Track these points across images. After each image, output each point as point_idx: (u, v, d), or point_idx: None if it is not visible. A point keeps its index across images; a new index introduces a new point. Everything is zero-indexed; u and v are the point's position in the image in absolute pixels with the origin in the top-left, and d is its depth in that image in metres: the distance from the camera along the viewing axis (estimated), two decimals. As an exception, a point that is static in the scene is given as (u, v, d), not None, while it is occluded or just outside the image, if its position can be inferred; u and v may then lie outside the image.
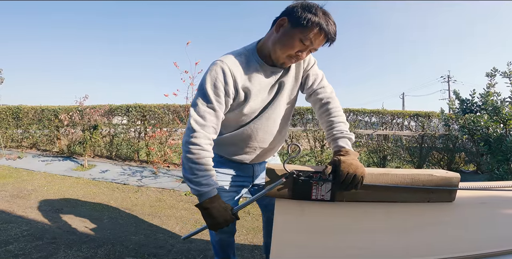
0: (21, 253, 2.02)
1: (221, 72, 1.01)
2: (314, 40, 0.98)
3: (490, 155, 3.19)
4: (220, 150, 1.25)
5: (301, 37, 0.97)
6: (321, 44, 1.01)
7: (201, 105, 1.01)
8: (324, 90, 1.19)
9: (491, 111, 3.25)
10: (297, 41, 0.98)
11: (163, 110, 5.86)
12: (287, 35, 0.99)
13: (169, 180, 4.31)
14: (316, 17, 0.94)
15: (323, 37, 0.98)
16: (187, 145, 0.99)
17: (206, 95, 1.01)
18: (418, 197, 0.91)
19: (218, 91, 1.01)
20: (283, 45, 1.00)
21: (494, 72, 3.32)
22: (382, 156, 5.40)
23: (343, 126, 1.10)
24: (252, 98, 1.08)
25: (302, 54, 1.02)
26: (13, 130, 6.97)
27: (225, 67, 1.01)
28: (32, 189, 3.72)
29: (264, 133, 1.19)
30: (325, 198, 0.92)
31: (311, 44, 0.99)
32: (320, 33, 0.97)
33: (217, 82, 1.00)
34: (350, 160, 0.89)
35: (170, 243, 2.27)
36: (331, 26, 0.97)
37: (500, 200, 0.97)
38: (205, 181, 0.98)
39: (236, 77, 1.03)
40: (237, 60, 1.05)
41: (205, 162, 0.99)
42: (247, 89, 1.07)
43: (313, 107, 1.24)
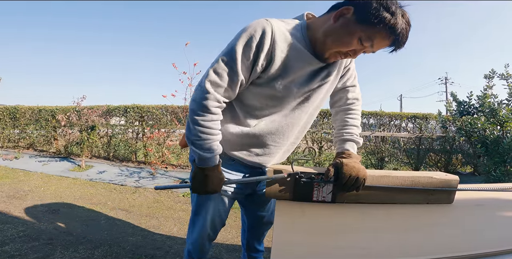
0: (17, 253, 2.00)
1: (260, 31, 0.84)
2: (376, 43, 0.83)
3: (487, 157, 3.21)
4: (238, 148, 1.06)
5: (363, 35, 0.81)
6: (383, 48, 0.86)
7: (221, 62, 0.86)
8: (354, 89, 1.12)
9: (488, 113, 3.28)
10: (356, 39, 0.82)
11: (161, 111, 5.85)
12: (346, 29, 0.83)
13: (167, 181, 4.30)
14: (393, 18, 0.78)
15: (389, 42, 0.83)
16: (194, 104, 0.89)
17: (232, 51, 0.85)
18: (417, 199, 0.92)
19: (250, 51, 0.85)
20: (337, 40, 0.84)
21: (492, 74, 3.35)
22: (380, 157, 5.42)
23: (355, 130, 1.08)
24: (290, 75, 0.91)
25: (355, 54, 0.87)
26: (10, 130, 6.92)
27: (267, 27, 0.84)
28: (29, 190, 3.69)
29: (297, 130, 1.07)
30: (326, 199, 0.92)
31: (370, 47, 0.84)
32: (389, 38, 0.81)
33: (252, 40, 0.84)
34: (352, 163, 0.89)
35: (168, 244, 2.26)
36: (404, 31, 0.81)
37: (497, 201, 0.99)
38: (207, 145, 0.90)
39: (276, 42, 0.85)
40: (284, 26, 0.89)
41: (210, 126, 0.89)
42: (286, 61, 0.89)
43: (333, 102, 1.16)
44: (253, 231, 1.51)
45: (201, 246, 1.21)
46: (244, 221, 1.53)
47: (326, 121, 5.46)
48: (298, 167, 0.95)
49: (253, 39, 0.84)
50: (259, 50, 0.85)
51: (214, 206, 1.14)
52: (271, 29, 0.84)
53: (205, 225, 1.16)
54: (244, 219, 1.52)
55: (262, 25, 0.84)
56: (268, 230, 1.54)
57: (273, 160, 1.11)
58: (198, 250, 1.22)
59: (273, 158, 1.10)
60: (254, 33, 0.84)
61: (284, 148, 1.10)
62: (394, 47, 0.84)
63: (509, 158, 2.92)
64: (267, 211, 1.40)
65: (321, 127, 5.48)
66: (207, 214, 1.14)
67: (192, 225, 1.20)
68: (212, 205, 1.13)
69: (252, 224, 1.48)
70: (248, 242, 1.55)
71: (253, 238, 1.53)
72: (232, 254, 2.12)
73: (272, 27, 0.84)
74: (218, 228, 1.22)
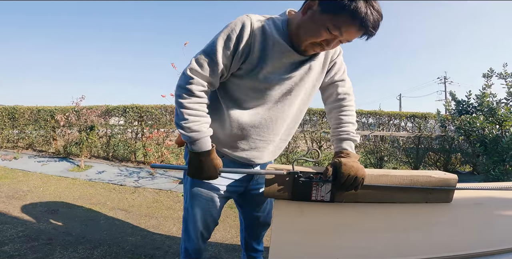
0: (17, 254, 2.00)
1: (240, 24, 0.89)
2: (344, 31, 0.83)
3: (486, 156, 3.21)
4: (225, 143, 1.08)
5: (329, 25, 0.82)
6: (355, 36, 0.86)
7: (203, 53, 0.92)
8: (344, 83, 1.11)
9: (487, 112, 3.28)
10: (324, 29, 0.84)
11: (161, 111, 5.85)
12: (313, 20, 0.85)
13: (166, 181, 4.29)
14: (353, 4, 0.78)
15: (357, 29, 0.82)
16: (179, 89, 0.92)
17: (213, 44, 0.91)
18: (416, 198, 0.92)
19: (230, 43, 0.90)
20: (307, 31, 0.87)
21: (490, 73, 3.35)
22: (379, 157, 5.42)
23: (350, 127, 1.07)
24: (267, 64, 0.94)
25: (328, 44, 0.88)
26: (9, 131, 6.91)
27: (247, 21, 0.90)
28: (28, 190, 3.69)
29: (283, 122, 1.07)
30: (325, 199, 0.92)
31: (340, 35, 0.84)
32: (354, 24, 0.81)
33: (232, 33, 0.89)
34: (351, 163, 0.89)
35: (167, 244, 2.26)
36: (370, 16, 0.80)
37: (495, 200, 0.99)
38: (196, 127, 0.91)
39: (255, 34, 0.90)
40: (265, 21, 0.93)
41: (197, 107, 0.92)
42: (265, 57, 0.93)
43: (325, 99, 1.16)
44: (249, 231, 1.51)
45: (195, 245, 1.22)
46: (241, 220, 1.53)
47: (325, 120, 5.46)
48: (297, 167, 0.95)
49: (233, 32, 0.89)
50: (239, 41, 0.90)
51: (205, 205, 1.15)
52: (250, 22, 0.90)
53: (197, 224, 1.17)
54: (241, 218, 1.52)
55: (242, 19, 0.90)
56: (266, 231, 1.54)
57: (263, 156, 1.12)
58: (194, 249, 1.23)
59: (262, 154, 1.11)
60: (235, 27, 0.90)
61: (273, 144, 1.11)
62: (364, 33, 0.84)
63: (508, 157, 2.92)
64: (263, 211, 1.39)
65: (320, 127, 5.49)
66: (199, 213, 1.16)
67: (185, 224, 1.22)
68: (204, 205, 1.15)
69: (248, 225, 1.48)
70: (246, 242, 1.54)
71: (251, 238, 1.53)
72: (231, 254, 2.13)
73: (251, 20, 0.90)
74: (212, 227, 1.23)
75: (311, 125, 5.77)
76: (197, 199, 1.15)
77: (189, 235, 1.22)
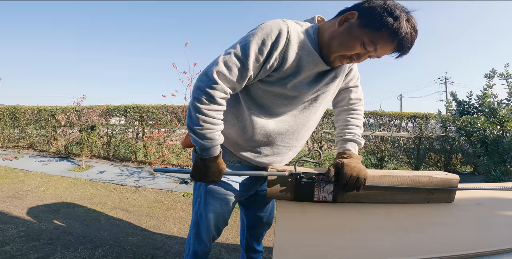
0: (18, 253, 2.00)
1: (277, 30, 0.84)
2: (379, 48, 0.82)
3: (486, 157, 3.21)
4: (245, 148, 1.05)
5: (366, 40, 0.82)
6: (387, 53, 0.85)
7: (233, 56, 0.85)
8: (357, 90, 1.13)
9: (488, 113, 3.28)
10: (359, 43, 0.83)
11: (161, 111, 5.85)
12: (350, 33, 0.84)
13: (167, 181, 4.30)
14: (396, 22, 0.78)
15: (393, 47, 0.82)
16: (199, 93, 0.85)
17: (246, 47, 0.84)
18: (418, 198, 0.92)
19: (264, 49, 0.85)
20: (341, 43, 0.85)
21: (492, 73, 3.35)
22: (380, 157, 5.42)
23: (357, 130, 1.08)
24: (301, 74, 0.91)
25: (359, 58, 0.87)
26: (10, 130, 6.92)
27: (284, 28, 0.85)
28: (29, 190, 3.69)
29: (306, 130, 1.06)
30: (327, 199, 0.92)
31: (374, 51, 0.84)
32: (392, 42, 0.81)
33: (268, 39, 0.84)
34: (353, 163, 0.89)
35: (168, 244, 2.26)
36: (409, 36, 0.80)
37: (497, 201, 0.99)
38: (209, 135, 0.88)
39: (291, 43, 0.86)
40: (299, 28, 0.90)
41: (214, 115, 0.87)
42: (298, 61, 0.89)
43: (337, 101, 1.16)
44: (252, 231, 1.51)
45: (206, 248, 1.22)
46: (243, 220, 1.53)
47: (326, 120, 5.46)
48: (299, 168, 0.95)
49: (269, 38, 0.84)
50: (273, 49, 0.85)
51: (219, 210, 1.14)
52: (287, 29, 0.85)
53: (210, 229, 1.17)
54: (244, 218, 1.53)
55: (279, 25, 0.85)
56: (267, 231, 1.55)
57: (282, 160, 1.10)
58: (204, 251, 1.23)
59: (282, 158, 1.09)
60: (271, 32, 0.84)
61: (295, 149, 1.11)
62: (398, 52, 0.84)
63: (508, 158, 2.92)
64: (266, 211, 1.40)
65: (321, 127, 5.48)
66: (213, 218, 1.14)
67: (196, 228, 1.19)
68: (218, 209, 1.13)
69: (251, 224, 1.49)
70: (247, 242, 1.55)
71: (252, 238, 1.53)
72: (232, 254, 2.13)
73: (288, 27, 0.85)
74: (222, 229, 1.23)
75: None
76: (212, 205, 1.13)
77: (200, 239, 1.20)
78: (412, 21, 0.81)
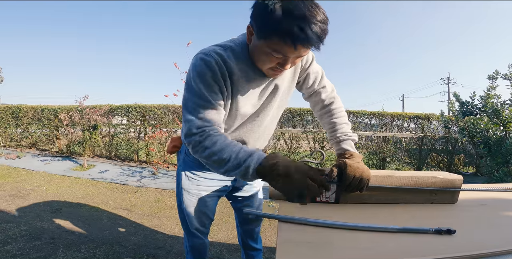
0: (20, 253, 2.01)
1: (206, 67, 0.84)
2: (286, 52, 0.77)
3: (489, 158, 3.20)
4: None
5: (269, 51, 0.77)
6: (301, 52, 0.78)
7: (196, 107, 0.85)
8: (325, 90, 1.11)
9: (491, 114, 3.27)
10: (269, 55, 0.79)
11: (163, 110, 5.86)
12: (256, 48, 0.82)
13: (169, 181, 4.30)
14: (275, 23, 0.71)
15: (294, 47, 0.74)
16: (196, 148, 0.83)
17: (199, 94, 0.85)
18: (421, 199, 0.92)
19: (212, 87, 0.85)
20: (258, 59, 0.85)
21: (496, 74, 3.34)
22: (382, 158, 5.40)
23: (346, 128, 1.08)
24: (241, 102, 0.94)
25: (284, 65, 0.82)
26: (12, 130, 6.95)
27: (210, 61, 0.84)
28: (31, 189, 3.71)
29: (256, 140, 1.10)
30: (330, 200, 0.92)
31: (284, 57, 0.79)
32: (288, 44, 0.73)
33: (207, 77, 0.84)
34: (356, 164, 0.89)
35: (169, 244, 2.27)
36: (299, 32, 0.70)
37: (499, 201, 0.98)
38: (242, 156, 0.77)
39: (224, 74, 0.87)
40: (224, 55, 0.87)
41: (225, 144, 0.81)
42: (236, 89, 0.92)
43: (313, 107, 1.18)
44: (244, 227, 1.54)
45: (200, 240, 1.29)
46: (236, 217, 1.57)
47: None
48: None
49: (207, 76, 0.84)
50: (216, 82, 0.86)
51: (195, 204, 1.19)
52: (214, 61, 0.84)
53: (193, 223, 1.23)
54: (235, 215, 1.56)
55: (205, 61, 0.84)
56: (260, 227, 1.56)
57: None
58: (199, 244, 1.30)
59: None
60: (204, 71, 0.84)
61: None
62: (306, 46, 0.75)
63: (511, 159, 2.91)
64: (252, 206, 1.42)
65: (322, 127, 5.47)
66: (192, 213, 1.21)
67: (183, 223, 1.27)
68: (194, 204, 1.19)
69: (241, 220, 1.52)
70: (243, 239, 1.58)
71: (246, 234, 1.55)
72: (233, 254, 2.13)
73: (214, 59, 0.85)
74: (207, 224, 1.28)
75: (313, 126, 5.77)
76: (190, 200, 1.18)
77: (190, 233, 1.26)
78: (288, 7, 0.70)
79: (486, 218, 0.82)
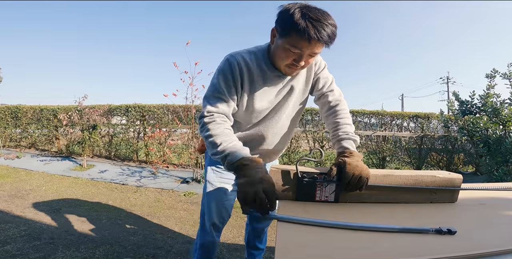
0: (19, 253, 2.00)
1: (228, 66, 1.03)
2: (302, 48, 0.92)
3: (489, 157, 3.20)
4: None
5: (288, 47, 0.93)
6: (314, 49, 0.93)
7: (212, 97, 1.04)
8: (333, 93, 1.20)
9: (490, 113, 3.26)
10: (287, 51, 0.95)
11: (163, 110, 5.86)
12: (277, 46, 0.98)
13: (168, 181, 4.30)
14: (294, 22, 0.88)
15: (309, 43, 0.90)
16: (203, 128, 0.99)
17: (217, 87, 1.04)
18: (421, 198, 0.91)
19: (229, 83, 1.04)
20: (278, 56, 1.00)
21: (494, 73, 3.33)
22: (381, 157, 5.41)
23: (348, 128, 1.10)
24: (257, 98, 1.09)
25: (299, 62, 0.97)
26: (11, 130, 6.95)
27: (233, 62, 1.03)
28: (30, 189, 3.70)
29: (273, 136, 1.21)
30: (329, 199, 0.91)
31: (301, 52, 0.94)
32: (304, 40, 0.89)
33: (227, 74, 1.03)
34: (355, 162, 0.89)
35: (169, 243, 2.26)
36: (313, 29, 0.87)
37: (499, 201, 0.98)
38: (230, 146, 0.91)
39: (243, 74, 1.04)
40: (247, 57, 1.05)
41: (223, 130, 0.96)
42: (253, 87, 1.08)
43: (320, 109, 1.25)
44: (254, 225, 1.58)
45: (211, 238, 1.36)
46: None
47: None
48: (301, 167, 0.94)
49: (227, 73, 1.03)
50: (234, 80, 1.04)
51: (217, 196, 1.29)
52: (236, 63, 1.03)
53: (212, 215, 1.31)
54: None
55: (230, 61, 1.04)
56: (267, 229, 1.57)
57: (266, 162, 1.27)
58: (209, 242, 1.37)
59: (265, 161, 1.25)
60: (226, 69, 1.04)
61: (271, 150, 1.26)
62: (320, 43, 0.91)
63: (511, 158, 2.91)
64: None
65: (322, 127, 5.48)
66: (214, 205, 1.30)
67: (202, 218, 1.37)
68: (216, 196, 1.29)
69: (251, 217, 1.58)
70: (249, 237, 1.59)
71: (254, 233, 1.56)
72: (233, 254, 2.12)
73: (237, 61, 1.04)
74: (226, 218, 1.35)
75: (313, 125, 5.77)
76: (212, 193, 1.29)
77: (205, 230, 1.36)
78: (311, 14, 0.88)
79: (485, 217, 0.82)
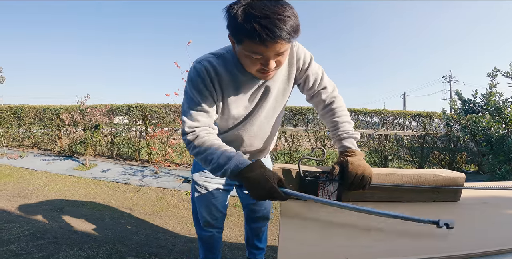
0: (23, 252, 2.02)
1: (197, 75, 0.94)
2: (261, 52, 0.81)
3: (492, 156, 3.18)
4: None
5: (248, 53, 0.83)
6: (277, 49, 0.80)
7: (189, 110, 0.96)
8: (326, 90, 1.12)
9: (493, 112, 3.24)
10: (250, 57, 0.84)
11: (165, 109, 5.87)
12: (239, 53, 0.89)
13: (170, 180, 4.31)
14: (240, 27, 0.75)
15: (265, 45, 0.77)
16: (188, 146, 0.94)
17: (192, 98, 0.96)
18: (424, 197, 0.91)
19: (203, 92, 0.95)
20: (244, 64, 0.91)
21: (495, 72, 3.31)
22: (383, 156, 5.39)
23: (348, 126, 1.08)
24: (231, 103, 1.02)
25: (267, 65, 0.85)
26: (14, 130, 6.98)
27: (201, 68, 0.93)
28: (33, 189, 3.72)
29: (249, 138, 1.16)
30: (332, 198, 0.91)
31: (263, 57, 0.83)
32: (258, 44, 0.77)
33: (198, 83, 0.94)
34: (357, 161, 0.88)
35: (172, 243, 2.27)
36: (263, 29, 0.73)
37: (502, 200, 0.98)
38: (222, 160, 0.86)
39: (213, 80, 0.95)
40: (214, 62, 0.95)
41: (211, 145, 0.90)
42: (226, 93, 1.00)
43: (315, 107, 1.19)
44: (251, 225, 1.57)
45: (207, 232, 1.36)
46: (244, 214, 1.61)
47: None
48: (303, 166, 0.94)
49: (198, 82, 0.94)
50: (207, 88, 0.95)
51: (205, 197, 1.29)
52: (205, 70, 0.93)
53: (202, 214, 1.31)
54: (244, 212, 1.60)
55: (197, 69, 0.94)
56: (266, 228, 1.57)
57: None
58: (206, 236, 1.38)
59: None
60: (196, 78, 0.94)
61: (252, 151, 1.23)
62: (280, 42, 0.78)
63: (514, 157, 2.89)
64: (261, 206, 1.48)
65: (324, 126, 5.47)
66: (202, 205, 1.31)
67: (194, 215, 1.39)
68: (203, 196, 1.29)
69: (248, 218, 1.56)
70: (248, 237, 1.60)
71: (252, 233, 1.56)
72: (235, 253, 2.13)
73: (204, 68, 0.93)
74: (219, 217, 1.34)
75: (314, 124, 5.76)
76: (199, 192, 1.29)
77: (199, 225, 1.37)
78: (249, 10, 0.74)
79: (488, 216, 0.82)
